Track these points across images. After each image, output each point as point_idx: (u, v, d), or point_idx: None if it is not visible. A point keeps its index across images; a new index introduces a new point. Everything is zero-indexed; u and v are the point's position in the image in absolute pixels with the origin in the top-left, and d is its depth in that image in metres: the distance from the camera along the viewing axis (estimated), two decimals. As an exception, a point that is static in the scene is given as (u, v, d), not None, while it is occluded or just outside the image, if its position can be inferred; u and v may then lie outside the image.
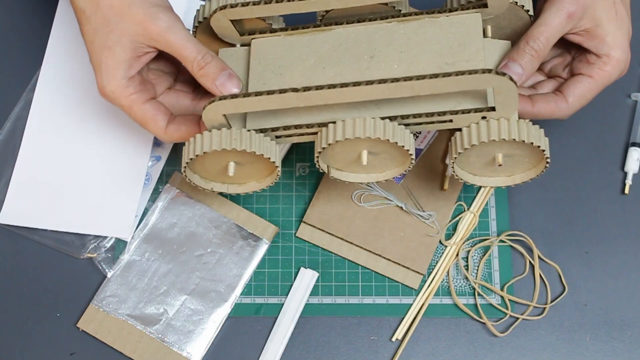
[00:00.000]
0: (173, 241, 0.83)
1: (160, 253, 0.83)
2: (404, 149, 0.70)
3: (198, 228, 0.84)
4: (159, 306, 0.81)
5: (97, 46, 0.73)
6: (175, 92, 0.78)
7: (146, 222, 0.84)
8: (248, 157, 0.72)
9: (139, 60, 0.73)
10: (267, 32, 0.76)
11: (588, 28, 0.73)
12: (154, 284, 0.82)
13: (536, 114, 0.74)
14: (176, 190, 0.85)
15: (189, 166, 0.74)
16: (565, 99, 0.75)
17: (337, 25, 0.75)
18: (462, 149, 0.70)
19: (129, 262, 0.83)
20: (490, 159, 0.72)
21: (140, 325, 0.81)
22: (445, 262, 0.84)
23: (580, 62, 0.76)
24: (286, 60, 0.74)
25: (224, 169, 0.74)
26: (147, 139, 0.86)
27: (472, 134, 0.70)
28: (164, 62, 0.78)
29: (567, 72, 0.78)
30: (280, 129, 0.72)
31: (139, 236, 0.84)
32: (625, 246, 0.84)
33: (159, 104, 0.75)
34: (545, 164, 0.72)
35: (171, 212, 0.84)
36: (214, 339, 0.81)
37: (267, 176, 0.76)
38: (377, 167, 0.75)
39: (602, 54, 0.74)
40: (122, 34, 0.71)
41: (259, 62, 0.75)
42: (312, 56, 0.74)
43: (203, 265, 0.83)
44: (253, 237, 0.83)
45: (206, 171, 0.75)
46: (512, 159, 0.72)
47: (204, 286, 0.82)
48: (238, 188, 0.78)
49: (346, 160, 0.74)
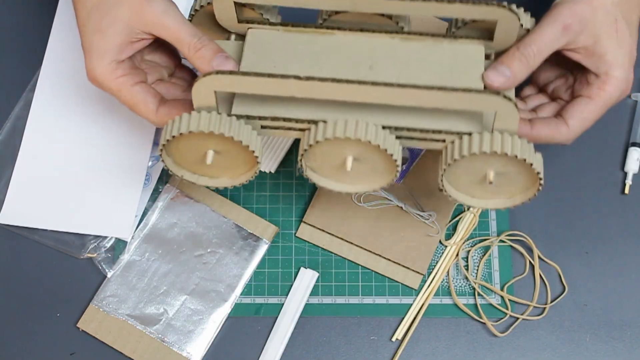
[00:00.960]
0: (173, 241, 0.83)
1: (160, 253, 0.83)
2: (392, 159, 0.69)
3: (198, 228, 0.84)
4: (159, 306, 0.81)
5: (89, 30, 0.72)
6: (167, 84, 0.77)
7: (146, 222, 0.84)
8: (228, 146, 0.70)
9: (131, 46, 0.72)
10: (266, 24, 0.75)
11: (587, 45, 0.71)
12: (154, 284, 0.82)
13: (535, 137, 0.72)
14: (176, 190, 0.85)
15: (165, 148, 0.71)
16: (566, 122, 0.72)
17: (339, 30, 0.74)
18: (449, 163, 0.68)
19: (129, 262, 0.83)
20: (482, 177, 0.70)
21: (140, 325, 0.81)
22: (445, 262, 0.84)
23: (581, 84, 0.74)
24: (282, 55, 0.73)
25: (201, 158, 0.72)
26: (147, 139, 0.86)
27: (457, 147, 0.68)
28: (160, 54, 0.77)
29: (569, 95, 0.75)
30: (268, 118, 0.70)
31: (139, 236, 0.84)
32: (625, 246, 0.84)
33: (148, 86, 0.74)
34: (539, 183, 0.69)
35: (171, 212, 0.84)
36: (214, 339, 0.81)
37: (244, 173, 0.74)
38: (357, 178, 0.73)
39: (601, 73, 0.72)
40: (116, 19, 0.71)
41: (253, 52, 0.73)
42: (309, 56, 0.72)
43: (203, 265, 0.83)
44: (253, 237, 0.83)
45: (182, 157, 0.73)
46: (506, 177, 0.70)
47: (204, 286, 0.82)
48: (209, 181, 0.75)
49: (329, 164, 0.72)
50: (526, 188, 0.71)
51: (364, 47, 0.73)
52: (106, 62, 0.72)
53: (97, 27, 0.71)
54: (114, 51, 0.71)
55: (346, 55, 0.72)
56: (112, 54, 0.71)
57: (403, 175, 0.85)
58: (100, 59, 0.71)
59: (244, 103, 0.71)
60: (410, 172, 0.85)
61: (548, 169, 0.87)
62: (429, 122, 0.70)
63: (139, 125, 0.86)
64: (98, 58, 0.72)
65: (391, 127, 0.69)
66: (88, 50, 0.72)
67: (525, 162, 0.67)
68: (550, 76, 0.77)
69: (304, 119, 0.70)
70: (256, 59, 0.72)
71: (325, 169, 0.73)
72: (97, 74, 0.72)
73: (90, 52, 0.72)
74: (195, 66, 0.72)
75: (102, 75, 0.72)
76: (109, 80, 0.72)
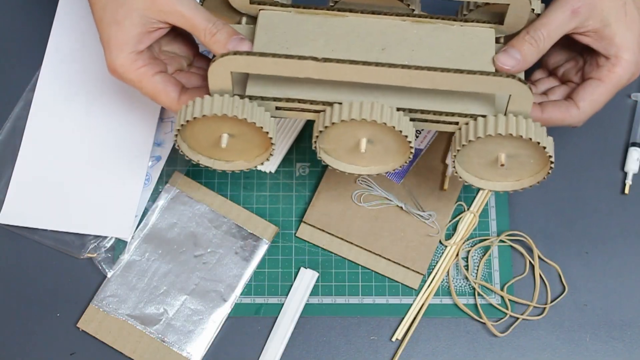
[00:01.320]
0: (173, 241, 0.83)
1: (160, 253, 0.83)
2: (406, 140, 0.70)
3: (198, 228, 0.84)
4: (159, 306, 0.81)
5: (105, 22, 0.72)
6: (186, 73, 0.77)
7: (146, 222, 0.84)
8: (243, 128, 0.70)
9: (149, 36, 0.72)
10: (277, 6, 0.75)
11: (596, 28, 0.72)
12: (154, 284, 0.82)
13: (547, 120, 0.73)
14: (176, 190, 0.85)
15: (180, 133, 0.72)
16: (576, 105, 0.73)
17: (350, 13, 0.74)
18: (463, 144, 0.69)
19: (129, 262, 0.83)
20: (493, 159, 0.71)
21: (140, 325, 0.81)
22: (445, 262, 0.84)
23: (591, 66, 0.75)
24: (294, 36, 0.73)
25: (215, 142, 0.72)
26: (147, 139, 0.86)
27: (472, 129, 0.69)
28: (178, 45, 0.77)
29: (579, 77, 0.76)
30: (282, 100, 0.70)
31: (139, 236, 0.84)
32: (625, 246, 0.84)
33: (169, 76, 0.74)
34: (549, 166, 0.71)
35: (171, 212, 0.84)
36: (214, 339, 0.81)
37: (259, 155, 0.74)
38: (370, 160, 0.74)
39: (610, 55, 0.73)
40: (131, 9, 0.71)
41: (266, 33, 0.73)
42: (321, 37, 0.72)
43: (203, 265, 0.83)
44: (253, 237, 0.83)
45: (197, 142, 0.73)
46: (517, 160, 0.71)
47: (204, 286, 0.82)
48: (225, 165, 0.75)
49: (342, 146, 0.72)
50: (536, 171, 0.72)
51: (376, 29, 0.73)
52: (126, 54, 0.72)
53: (113, 19, 0.71)
54: (132, 42, 0.72)
55: (358, 38, 0.73)
56: (131, 45, 0.72)
57: (403, 175, 0.85)
58: (120, 51, 0.72)
59: (258, 84, 0.71)
60: (410, 172, 0.85)
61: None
62: (443, 104, 0.70)
63: (139, 126, 0.86)
64: (117, 50, 0.72)
65: (405, 109, 0.70)
66: (107, 43, 0.72)
67: (539, 145, 0.68)
68: (560, 59, 0.78)
69: (318, 101, 0.70)
70: (268, 40, 0.73)
71: (338, 151, 0.73)
72: (117, 66, 0.72)
73: (109, 44, 0.72)
74: (211, 51, 0.72)
75: (122, 66, 0.72)
76: (130, 71, 0.72)
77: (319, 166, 0.87)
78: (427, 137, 0.87)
